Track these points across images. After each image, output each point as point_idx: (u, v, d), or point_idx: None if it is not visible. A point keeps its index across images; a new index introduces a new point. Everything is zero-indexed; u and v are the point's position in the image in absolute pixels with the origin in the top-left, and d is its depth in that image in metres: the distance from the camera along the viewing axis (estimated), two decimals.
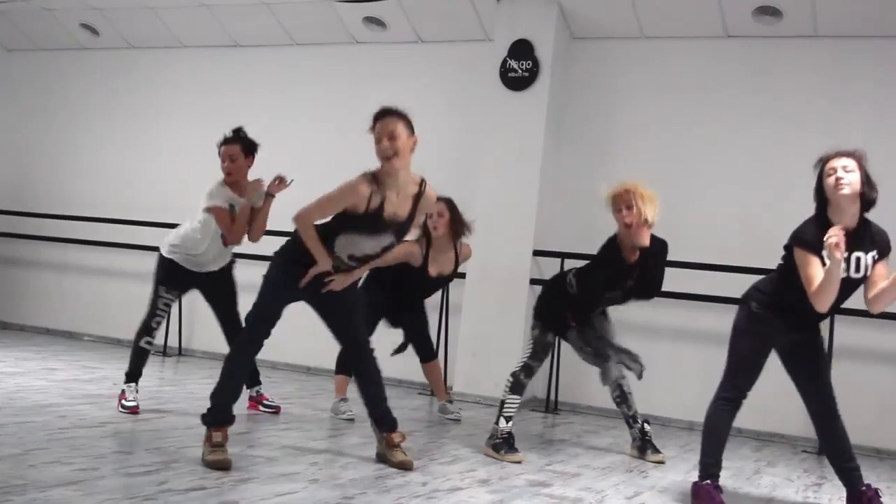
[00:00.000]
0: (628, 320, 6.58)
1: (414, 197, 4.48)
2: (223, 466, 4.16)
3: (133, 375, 5.68)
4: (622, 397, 5.62)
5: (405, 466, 4.59)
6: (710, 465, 4.33)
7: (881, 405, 6.87)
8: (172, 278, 5.79)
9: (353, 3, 8.49)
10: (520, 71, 7.89)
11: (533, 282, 7.80)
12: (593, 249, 5.53)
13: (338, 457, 4.84)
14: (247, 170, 5.79)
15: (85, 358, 6.10)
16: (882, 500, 4.36)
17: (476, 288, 7.91)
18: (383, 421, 4.74)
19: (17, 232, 10.38)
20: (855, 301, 4.29)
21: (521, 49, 7.89)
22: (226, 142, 5.77)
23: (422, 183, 4.53)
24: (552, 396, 7.65)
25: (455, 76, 8.64)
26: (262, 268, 4.65)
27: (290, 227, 4.54)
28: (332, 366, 6.39)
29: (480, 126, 8.17)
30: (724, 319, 4.71)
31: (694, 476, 4.44)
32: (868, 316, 4.62)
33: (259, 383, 6.17)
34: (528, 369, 5.39)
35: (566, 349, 7.36)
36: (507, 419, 5.29)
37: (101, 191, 10.11)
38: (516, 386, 5.36)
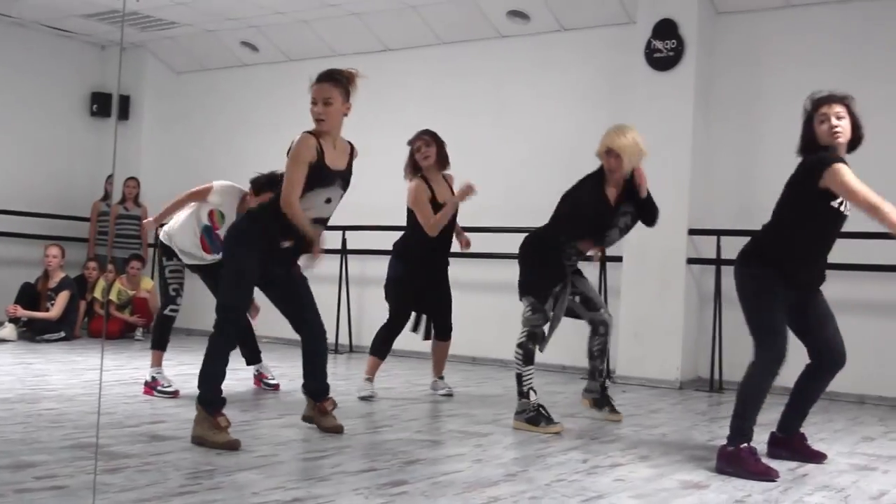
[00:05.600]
0: None
1: (349, 153, 4.85)
2: (235, 447, 4.34)
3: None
4: (602, 351, 5.76)
5: (336, 430, 4.92)
6: (748, 429, 4.37)
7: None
8: None
9: None
10: (665, 51, 7.87)
11: (690, 261, 7.79)
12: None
13: (502, 438, 5.03)
14: None
15: (294, 364, 6.64)
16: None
17: (634, 269, 7.95)
18: (319, 391, 5.00)
19: None
20: None
21: (665, 28, 7.87)
22: None
23: (351, 145, 4.91)
24: (716, 376, 7.60)
25: (600, 61, 8.67)
26: None
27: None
28: (497, 356, 6.50)
29: (628, 109, 8.14)
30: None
31: (864, 448, 4.39)
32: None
33: (259, 361, 6.63)
34: (534, 337, 5.41)
35: (727, 328, 7.36)
36: (533, 391, 5.39)
37: None
38: (528, 356, 5.39)
